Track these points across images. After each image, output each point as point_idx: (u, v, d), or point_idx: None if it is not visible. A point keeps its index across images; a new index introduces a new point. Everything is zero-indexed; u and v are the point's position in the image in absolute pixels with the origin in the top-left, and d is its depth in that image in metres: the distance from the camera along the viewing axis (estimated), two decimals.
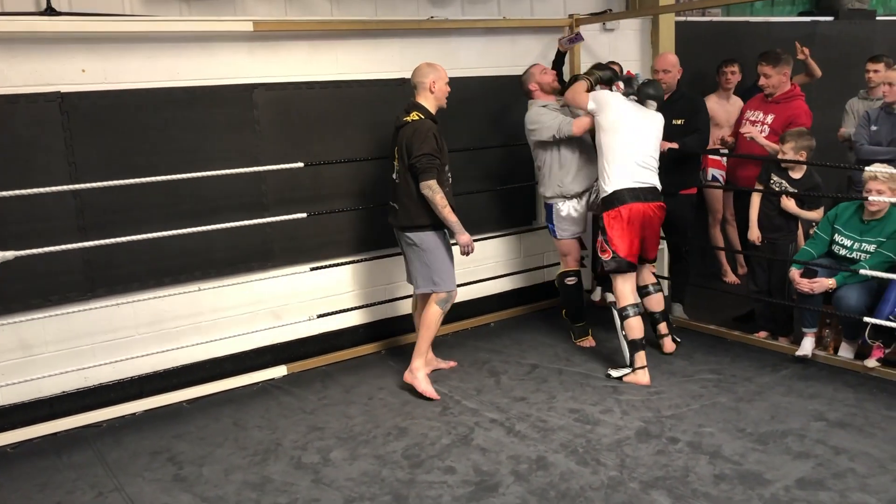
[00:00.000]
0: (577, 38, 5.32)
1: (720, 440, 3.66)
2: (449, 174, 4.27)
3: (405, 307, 5.06)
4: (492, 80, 5.28)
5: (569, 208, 4.86)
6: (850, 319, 4.32)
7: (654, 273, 4.86)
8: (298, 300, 4.83)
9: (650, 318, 4.79)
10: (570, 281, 5.03)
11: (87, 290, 4.14)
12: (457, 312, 5.38)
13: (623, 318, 4.45)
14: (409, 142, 4.09)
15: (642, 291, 4.72)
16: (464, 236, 4.21)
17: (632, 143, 4.40)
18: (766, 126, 5.00)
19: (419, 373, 4.33)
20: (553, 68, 5.27)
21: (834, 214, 4.49)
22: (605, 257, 4.44)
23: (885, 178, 4.16)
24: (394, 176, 4.28)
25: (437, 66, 4.26)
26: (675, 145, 4.86)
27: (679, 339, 4.91)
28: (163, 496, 3.40)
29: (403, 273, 4.64)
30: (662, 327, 4.81)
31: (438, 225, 4.23)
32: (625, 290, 4.44)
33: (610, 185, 4.40)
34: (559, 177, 4.79)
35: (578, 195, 4.84)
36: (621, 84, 4.56)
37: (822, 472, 3.33)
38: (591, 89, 4.58)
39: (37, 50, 3.89)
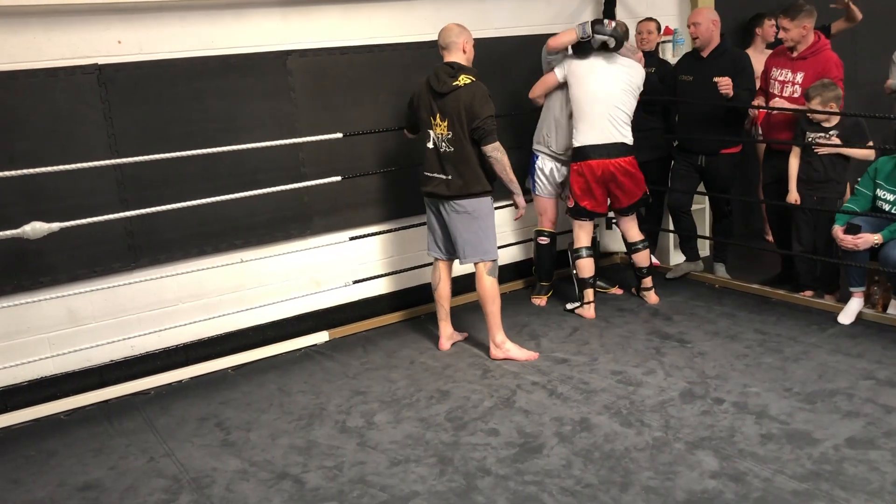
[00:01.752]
0: None
1: (766, 400, 3.62)
2: None
3: None
4: (527, 40, 5.20)
5: (551, 168, 4.97)
6: None
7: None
8: (337, 267, 4.85)
9: (637, 272, 5.05)
10: (543, 241, 5.12)
11: (130, 261, 4.20)
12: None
13: (576, 258, 4.91)
14: (469, 105, 3.97)
15: (631, 248, 5.05)
16: (522, 198, 4.29)
17: (600, 100, 4.64)
18: (797, 86, 4.77)
19: (506, 344, 4.29)
20: (605, 9, 5.40)
21: (874, 169, 4.38)
22: (569, 204, 4.90)
23: None
24: (432, 145, 4.14)
25: (465, 27, 4.15)
26: (730, 91, 4.74)
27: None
28: (212, 461, 3.47)
29: None
30: (647, 281, 5.07)
31: (489, 191, 4.17)
32: (580, 234, 4.92)
33: (577, 140, 4.71)
34: (548, 130, 4.93)
35: (562, 156, 4.93)
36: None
37: (873, 431, 3.28)
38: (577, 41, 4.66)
39: (73, 22, 3.91)
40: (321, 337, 4.75)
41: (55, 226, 3.71)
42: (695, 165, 5.17)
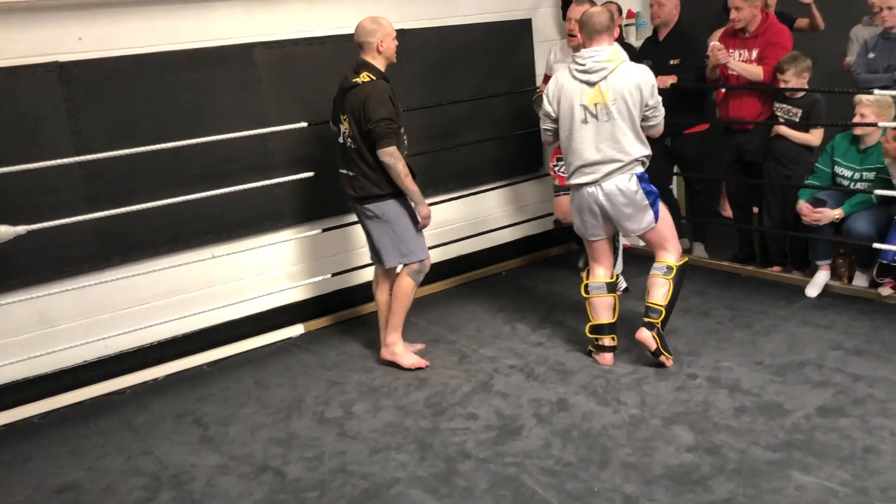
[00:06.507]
0: None
1: (739, 374, 3.69)
2: (405, 136, 3.94)
3: None
4: (492, 27, 5.21)
5: None
6: (861, 247, 4.32)
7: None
8: (311, 259, 4.84)
9: None
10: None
11: (101, 260, 4.15)
12: (468, 263, 5.42)
13: None
14: (363, 106, 3.73)
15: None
16: (425, 207, 3.92)
17: None
18: (753, 63, 4.80)
19: (397, 347, 4.12)
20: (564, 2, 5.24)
21: (831, 146, 4.51)
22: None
23: (870, 101, 4.18)
24: (341, 140, 3.94)
25: (380, 20, 3.86)
26: (673, 78, 4.82)
27: None
28: (191, 457, 3.45)
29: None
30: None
31: (400, 192, 3.90)
32: None
33: None
34: None
35: None
36: None
37: (842, 400, 3.36)
38: None
39: (32, 20, 3.84)
40: (297, 330, 4.74)
41: (21, 229, 3.67)
42: (664, 147, 5.23)
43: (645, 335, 3.76)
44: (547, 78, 4.78)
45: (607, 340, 3.93)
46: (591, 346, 4.02)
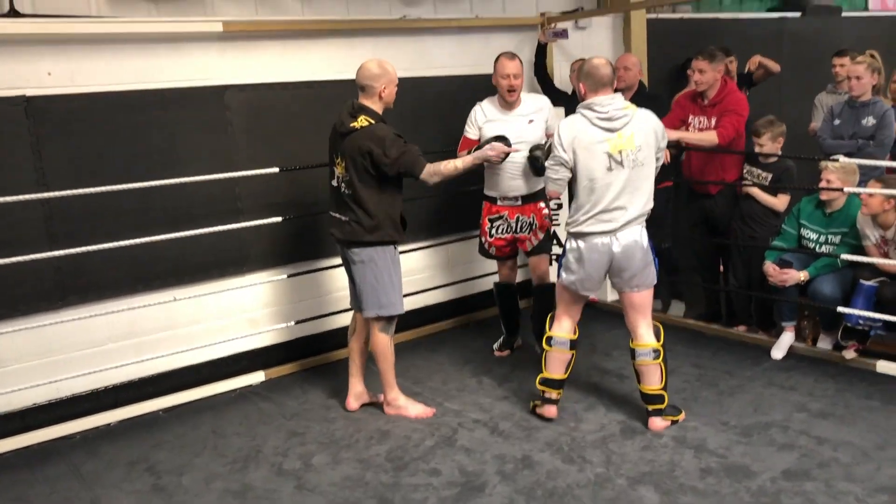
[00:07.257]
0: (563, 34, 5.33)
1: (704, 434, 3.66)
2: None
3: None
4: (465, 80, 5.26)
5: None
6: (826, 310, 4.35)
7: None
8: (275, 305, 4.76)
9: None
10: None
11: (57, 300, 4.04)
12: (436, 314, 5.37)
13: None
14: (367, 150, 3.68)
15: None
16: (485, 151, 3.97)
17: None
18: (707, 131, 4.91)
19: (399, 401, 4.07)
20: (536, 61, 5.30)
21: (797, 209, 4.58)
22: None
23: (835, 167, 4.25)
24: (336, 183, 3.88)
25: (386, 65, 3.82)
26: None
27: None
28: None
29: None
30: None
31: (390, 241, 3.87)
32: None
33: None
34: None
35: None
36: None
37: (807, 463, 3.34)
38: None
39: (0, 53, 3.79)
40: (257, 377, 4.63)
41: None
42: None
43: (659, 424, 3.76)
44: (466, 140, 4.58)
45: (554, 394, 3.88)
46: (536, 400, 3.96)
